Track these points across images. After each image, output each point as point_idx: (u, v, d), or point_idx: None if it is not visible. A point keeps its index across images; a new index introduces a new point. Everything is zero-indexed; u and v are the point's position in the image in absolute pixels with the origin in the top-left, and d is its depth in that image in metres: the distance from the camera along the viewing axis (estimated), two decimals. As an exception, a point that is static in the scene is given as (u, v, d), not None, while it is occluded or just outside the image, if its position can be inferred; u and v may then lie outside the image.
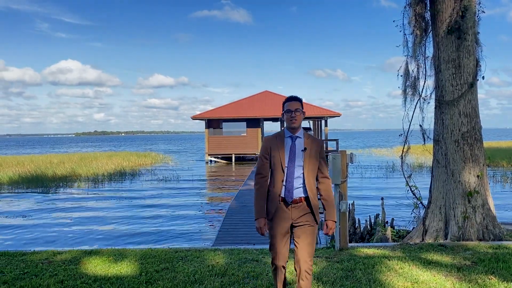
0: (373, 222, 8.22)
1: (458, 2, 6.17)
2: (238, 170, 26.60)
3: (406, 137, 7.20)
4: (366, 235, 7.94)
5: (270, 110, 32.02)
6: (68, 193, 17.59)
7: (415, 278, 4.26)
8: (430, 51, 6.84)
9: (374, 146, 55.00)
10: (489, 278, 4.21)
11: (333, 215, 3.29)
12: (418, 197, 7.26)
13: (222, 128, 31.87)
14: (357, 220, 8.24)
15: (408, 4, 6.83)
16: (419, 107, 6.97)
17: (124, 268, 4.77)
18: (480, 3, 6.36)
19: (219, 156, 32.30)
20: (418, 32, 6.79)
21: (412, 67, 7.01)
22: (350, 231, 7.63)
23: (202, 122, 32.65)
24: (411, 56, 6.94)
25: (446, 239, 6.15)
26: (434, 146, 6.63)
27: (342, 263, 4.83)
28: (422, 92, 6.98)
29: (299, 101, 3.31)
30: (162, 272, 4.61)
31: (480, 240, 5.96)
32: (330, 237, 6.83)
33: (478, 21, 6.34)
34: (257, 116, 31.34)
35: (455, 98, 6.23)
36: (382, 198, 8.70)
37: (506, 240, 5.96)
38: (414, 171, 19.98)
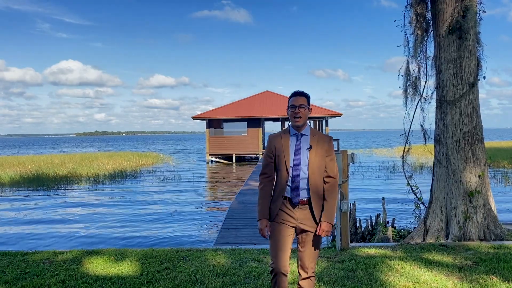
0: (374, 222, 8.20)
1: (459, 2, 6.16)
2: (239, 170, 26.60)
3: (407, 137, 7.20)
4: (367, 235, 7.93)
5: (270, 110, 32.04)
6: (69, 193, 17.61)
7: (417, 278, 4.25)
8: (431, 51, 6.84)
9: (375, 146, 54.97)
10: (490, 278, 4.20)
11: (330, 217, 3.05)
12: (419, 197, 7.25)
13: (223, 128, 31.89)
14: (358, 220, 8.23)
15: (409, 4, 6.83)
16: (420, 107, 6.97)
17: (125, 268, 4.78)
18: (481, 3, 6.35)
19: (220, 156, 32.31)
20: (419, 32, 6.78)
21: (413, 67, 7.01)
22: (351, 231, 7.63)
23: (203, 122, 32.68)
24: (412, 56, 6.94)
25: (447, 239, 6.15)
26: (435, 146, 6.63)
27: (343, 263, 4.83)
28: (423, 92, 6.98)
29: (305, 96, 3.10)
30: (163, 272, 4.61)
31: (481, 240, 5.95)
32: (331, 237, 6.83)
33: (479, 21, 6.33)
34: (257, 116, 31.36)
35: (456, 98, 6.23)
36: (383, 198, 8.69)
37: (508, 240, 5.95)
38: (415, 171, 19.99)
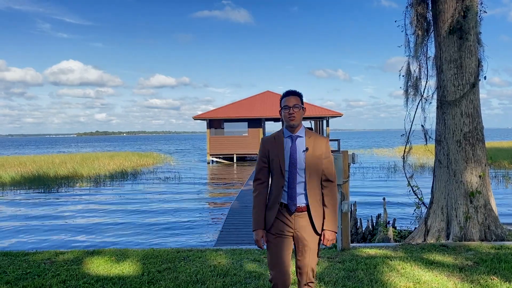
0: (375, 223, 8.20)
1: (460, 2, 6.16)
2: (240, 170, 26.60)
3: (408, 137, 7.20)
4: (368, 236, 7.93)
5: (271, 110, 32.03)
6: (70, 193, 17.62)
7: (417, 279, 4.26)
8: (431, 51, 6.84)
9: (376, 146, 54.95)
10: (491, 279, 4.20)
11: (333, 225, 2.90)
12: (420, 197, 7.25)
13: (223, 128, 31.91)
14: (359, 220, 8.23)
15: (409, 4, 6.83)
16: (421, 107, 6.97)
17: (126, 268, 4.78)
18: (482, 3, 6.35)
19: (221, 156, 32.33)
20: (420, 32, 6.78)
21: (413, 67, 7.01)
22: (352, 232, 7.63)
23: (204, 122, 32.70)
24: (413, 56, 6.93)
25: (448, 239, 6.15)
26: (436, 146, 6.62)
27: (344, 264, 4.83)
28: (424, 92, 6.98)
29: (298, 95, 2.94)
30: (164, 272, 4.62)
31: (482, 240, 5.95)
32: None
33: (480, 21, 6.33)
34: (258, 116, 31.37)
35: (457, 98, 6.23)
36: (384, 198, 8.69)
37: (508, 240, 5.95)
38: (416, 171, 19.98)
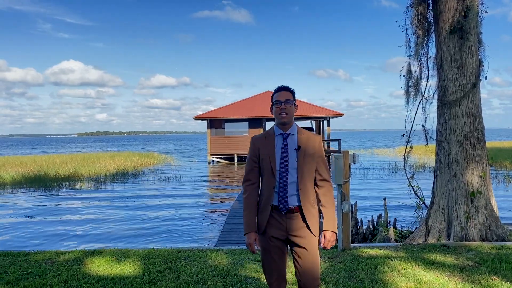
0: (375, 223, 8.20)
1: (461, 2, 6.15)
2: (240, 170, 26.59)
3: (409, 137, 7.20)
4: (369, 236, 7.93)
5: (272, 110, 32.07)
6: (71, 193, 17.63)
7: (418, 279, 4.25)
8: (432, 51, 6.84)
9: (376, 147, 54.92)
10: (492, 279, 4.20)
11: (332, 225, 2.79)
12: (420, 197, 7.25)
13: (224, 128, 31.93)
14: (359, 220, 8.23)
15: (410, 4, 6.82)
16: (422, 107, 6.97)
17: (127, 268, 4.79)
18: (482, 3, 6.34)
19: (221, 156, 32.34)
20: (421, 32, 6.78)
21: (414, 67, 7.01)
22: (352, 232, 7.63)
23: (204, 123, 32.70)
24: (414, 56, 6.94)
25: (449, 240, 6.14)
26: (436, 147, 6.62)
27: (345, 264, 4.83)
28: (424, 92, 6.98)
29: (290, 91, 2.82)
30: (165, 272, 4.62)
31: (483, 240, 5.95)
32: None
33: (481, 21, 6.33)
34: (259, 116, 31.39)
35: (458, 98, 6.22)
36: (385, 199, 8.68)
37: (509, 240, 5.94)
38: (417, 172, 19.89)
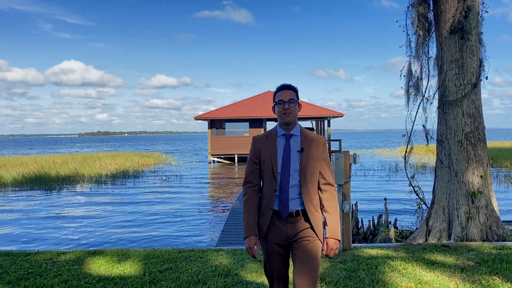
0: (376, 223, 8.21)
1: (462, 2, 6.15)
2: (241, 170, 26.60)
3: (409, 137, 7.19)
4: (369, 236, 7.93)
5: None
6: (71, 193, 17.65)
7: (419, 279, 4.25)
8: (433, 51, 6.83)
9: (377, 147, 54.90)
10: (492, 279, 4.20)
11: (336, 232, 2.65)
12: (421, 197, 7.24)
13: (225, 128, 31.95)
14: (360, 220, 8.23)
15: (411, 4, 6.82)
16: (422, 107, 6.97)
17: (127, 268, 4.79)
18: (483, 3, 6.34)
19: (222, 156, 32.36)
20: (421, 32, 6.77)
21: (415, 67, 7.00)
22: (353, 232, 7.63)
23: (205, 123, 32.72)
24: (414, 56, 6.93)
25: (450, 240, 6.14)
26: (437, 147, 6.62)
27: (345, 264, 4.83)
28: (425, 92, 6.97)
29: (294, 90, 2.68)
30: (166, 272, 4.62)
31: (483, 240, 5.95)
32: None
33: (482, 21, 6.32)
34: (259, 116, 31.41)
35: (459, 98, 6.22)
36: (385, 199, 8.68)
37: (510, 240, 5.94)
38: (417, 172, 19.90)
